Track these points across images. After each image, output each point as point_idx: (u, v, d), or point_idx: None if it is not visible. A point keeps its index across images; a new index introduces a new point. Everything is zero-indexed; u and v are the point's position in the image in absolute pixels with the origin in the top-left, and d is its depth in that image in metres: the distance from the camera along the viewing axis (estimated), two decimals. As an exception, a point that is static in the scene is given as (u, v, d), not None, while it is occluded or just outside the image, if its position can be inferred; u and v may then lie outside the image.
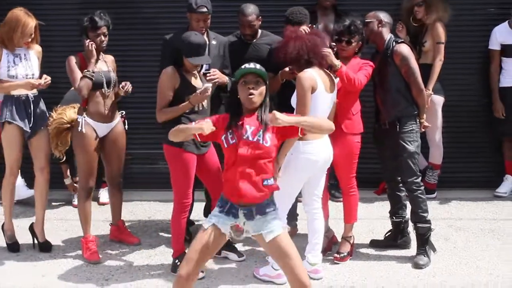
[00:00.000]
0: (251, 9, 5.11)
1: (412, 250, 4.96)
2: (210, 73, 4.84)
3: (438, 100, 6.13)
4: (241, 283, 4.56)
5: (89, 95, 4.85)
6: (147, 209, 6.24)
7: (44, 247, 5.13)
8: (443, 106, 6.18)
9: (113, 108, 5.02)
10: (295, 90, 4.39)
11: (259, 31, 5.25)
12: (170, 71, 4.53)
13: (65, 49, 5.35)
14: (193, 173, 4.61)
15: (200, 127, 3.54)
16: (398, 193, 5.02)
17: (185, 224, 4.72)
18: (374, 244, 5.15)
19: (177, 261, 4.62)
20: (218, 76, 4.87)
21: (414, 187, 4.78)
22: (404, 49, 4.75)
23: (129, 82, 4.97)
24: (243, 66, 3.63)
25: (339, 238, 5.02)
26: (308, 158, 4.38)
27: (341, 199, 5.03)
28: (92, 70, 4.82)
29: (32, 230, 5.17)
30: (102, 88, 4.90)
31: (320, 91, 4.39)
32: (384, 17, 4.87)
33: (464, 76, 6.57)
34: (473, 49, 6.54)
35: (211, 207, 4.46)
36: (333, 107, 4.57)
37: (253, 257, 4.96)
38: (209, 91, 4.44)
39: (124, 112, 5.21)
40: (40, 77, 4.95)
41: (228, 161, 3.59)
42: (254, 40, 5.23)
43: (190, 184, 4.61)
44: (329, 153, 4.51)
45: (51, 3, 6.54)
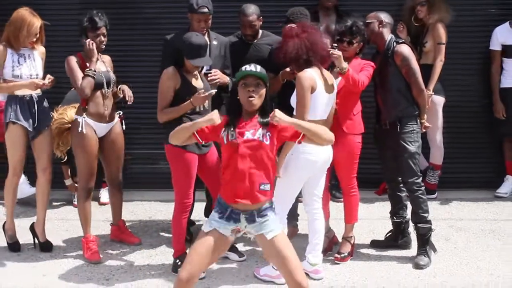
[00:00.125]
0: (252, 10, 5.12)
1: (413, 250, 4.96)
2: (211, 73, 4.85)
3: (438, 100, 6.13)
4: (242, 283, 4.56)
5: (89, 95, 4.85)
6: (148, 209, 6.24)
7: (45, 247, 5.13)
8: (443, 107, 6.18)
9: (112, 109, 5.03)
10: (295, 90, 4.39)
11: (260, 31, 5.26)
12: (171, 71, 4.53)
13: (66, 49, 5.34)
14: (195, 173, 4.61)
15: (209, 118, 3.52)
16: (399, 194, 5.02)
17: (186, 224, 4.72)
18: (375, 244, 5.15)
19: (177, 261, 4.62)
20: (219, 76, 4.89)
21: (414, 188, 4.78)
22: (405, 49, 4.75)
23: (128, 88, 4.98)
24: (243, 68, 3.59)
25: (339, 238, 5.01)
26: (308, 158, 4.38)
27: (342, 199, 5.02)
28: (94, 69, 4.82)
29: (33, 230, 5.17)
30: (103, 88, 4.91)
31: (320, 91, 4.39)
32: (385, 17, 4.87)
33: (464, 76, 6.57)
34: (474, 50, 6.54)
35: (212, 207, 4.46)
36: (332, 107, 4.58)
37: (253, 257, 4.95)
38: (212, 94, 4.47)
39: (121, 112, 5.21)
40: (44, 77, 4.95)
41: (227, 161, 3.56)
42: (255, 41, 5.24)
43: (191, 184, 4.62)
44: (329, 153, 4.51)
45: (52, 3, 6.55)
